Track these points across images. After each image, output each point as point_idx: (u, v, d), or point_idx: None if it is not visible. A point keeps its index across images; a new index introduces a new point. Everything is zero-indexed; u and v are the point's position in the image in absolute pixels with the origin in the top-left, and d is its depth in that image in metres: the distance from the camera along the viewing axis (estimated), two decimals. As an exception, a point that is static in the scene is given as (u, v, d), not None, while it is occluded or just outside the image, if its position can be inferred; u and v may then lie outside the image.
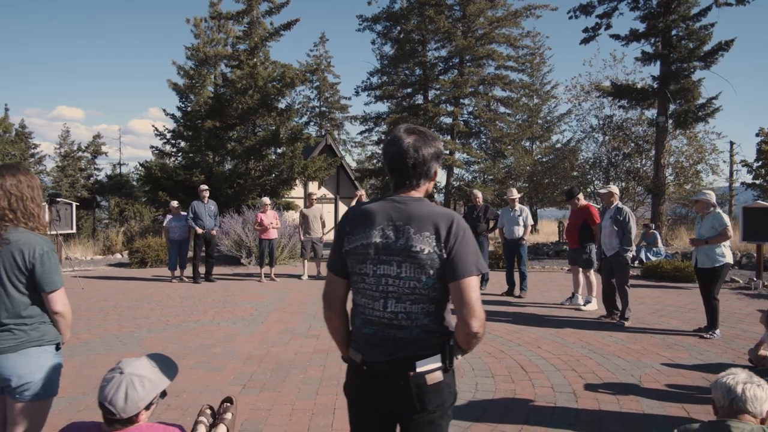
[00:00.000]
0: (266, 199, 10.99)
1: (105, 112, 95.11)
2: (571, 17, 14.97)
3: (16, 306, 2.22)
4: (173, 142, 19.90)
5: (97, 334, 6.11)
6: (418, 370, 1.75)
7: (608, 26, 14.95)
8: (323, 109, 47.65)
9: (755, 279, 9.68)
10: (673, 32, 14.00)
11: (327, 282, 1.96)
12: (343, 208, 32.43)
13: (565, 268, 12.60)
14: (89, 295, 8.83)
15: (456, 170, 26.53)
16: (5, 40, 73.74)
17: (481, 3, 23.21)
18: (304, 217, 10.97)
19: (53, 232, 12.20)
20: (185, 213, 10.65)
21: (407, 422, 1.81)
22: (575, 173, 18.59)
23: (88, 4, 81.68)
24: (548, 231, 24.49)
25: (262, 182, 18.23)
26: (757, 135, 20.93)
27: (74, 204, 12.20)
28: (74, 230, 12.47)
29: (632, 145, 15.89)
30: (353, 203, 11.06)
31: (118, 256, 15.43)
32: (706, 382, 4.44)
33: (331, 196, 32.43)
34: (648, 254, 12.47)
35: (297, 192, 22.41)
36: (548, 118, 28.05)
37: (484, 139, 26.40)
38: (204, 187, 10.68)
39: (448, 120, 26.29)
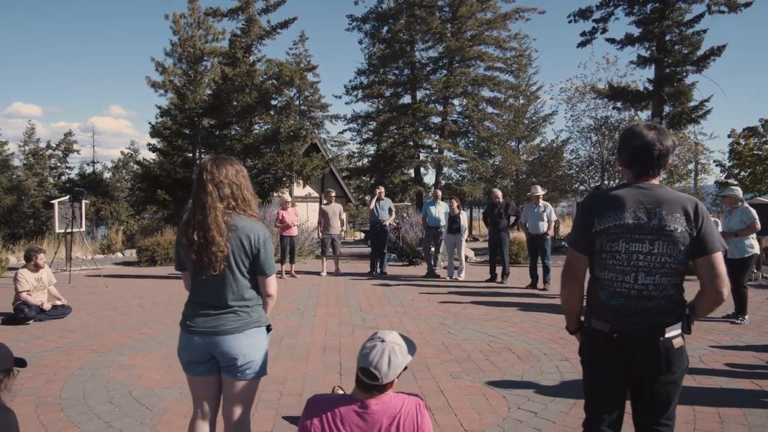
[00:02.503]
0: (287, 196, 11.10)
1: (64, 109, 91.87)
2: (570, 21, 15.55)
3: (241, 289, 2.38)
4: (170, 139, 19.67)
5: (158, 329, 6.17)
6: (667, 335, 2.01)
7: (604, 30, 15.60)
8: (303, 108, 47.52)
9: (755, 271, 10.30)
10: (667, 37, 14.70)
11: (571, 259, 2.19)
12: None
13: (560, 262, 13.11)
14: (117, 292, 8.80)
15: (444, 169, 26.95)
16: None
17: (473, 5, 23.66)
18: (323, 214, 11.11)
19: (61, 230, 12.01)
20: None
21: (653, 383, 2.07)
22: (560, 173, 19.20)
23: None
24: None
25: (260, 180, 18.24)
26: (729, 136, 22.06)
27: (84, 201, 12.00)
28: (83, 228, 12.25)
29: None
30: (373, 201, 11.30)
31: (119, 255, 15.22)
32: (760, 361, 4.87)
33: (316, 195, 32.46)
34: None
35: (294, 191, 22.42)
36: (534, 118, 28.77)
37: (472, 138, 26.90)
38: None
39: (437, 119, 26.68)
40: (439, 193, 11.39)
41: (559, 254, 15.14)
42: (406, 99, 27.51)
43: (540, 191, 9.35)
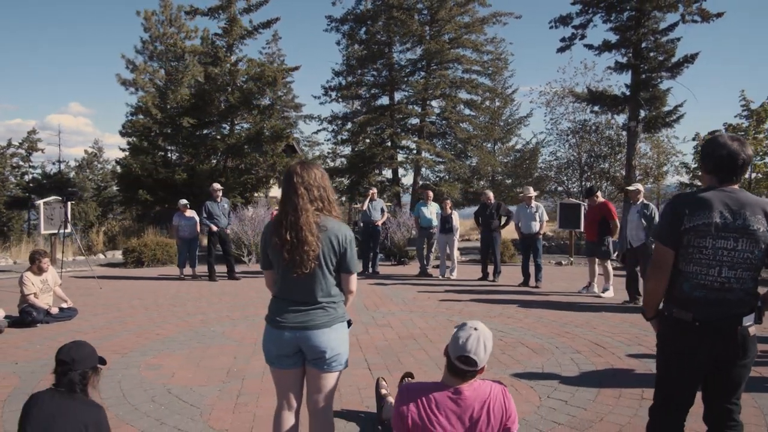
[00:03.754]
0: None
1: (19, 105, 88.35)
2: (551, 27, 16.04)
3: (328, 286, 2.52)
4: (150, 138, 19.34)
5: (172, 330, 6.19)
6: (744, 324, 2.27)
7: (583, 36, 16.14)
8: (276, 107, 47.19)
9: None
10: (643, 44, 15.34)
11: (659, 253, 2.42)
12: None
13: (551, 261, 13.55)
14: (113, 294, 8.70)
15: (422, 170, 27.25)
16: None
17: (452, 9, 24.01)
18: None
19: (46, 232, 11.76)
20: (183, 212, 10.64)
21: (730, 367, 2.33)
22: (537, 174, 19.75)
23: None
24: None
25: (243, 180, 18.15)
26: (694, 139, 23.06)
27: (69, 203, 11.74)
28: (69, 230, 12.00)
29: (605, 148, 17.21)
30: (366, 201, 11.44)
31: (101, 256, 14.93)
32: (764, 347, 5.24)
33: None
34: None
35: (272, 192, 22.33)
36: (509, 120, 29.40)
37: (449, 140, 27.29)
38: (217, 186, 10.68)
39: (415, 121, 26.95)
40: (431, 194, 11.62)
41: (551, 253, 15.56)
42: (384, 100, 27.71)
43: (532, 192, 9.68)
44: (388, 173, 28.72)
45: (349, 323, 2.66)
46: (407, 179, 29.18)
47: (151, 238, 13.13)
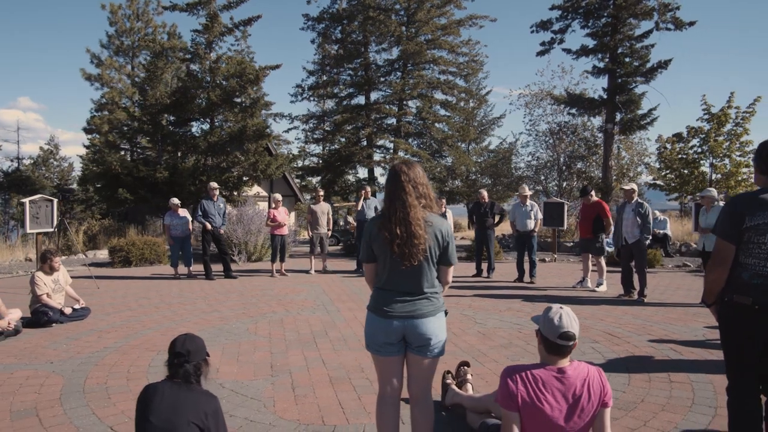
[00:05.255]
0: (278, 196, 11.18)
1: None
2: (532, 31, 16.57)
3: (432, 277, 2.70)
4: (129, 136, 18.86)
5: (193, 328, 6.20)
6: None
7: (561, 41, 16.72)
8: (259, 105, 46.64)
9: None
10: (620, 50, 16.01)
11: (721, 247, 2.69)
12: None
13: (547, 259, 14.00)
14: (113, 293, 8.59)
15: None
16: None
17: (430, 11, 24.37)
18: (312, 213, 11.29)
19: (32, 231, 11.42)
20: (175, 211, 10.58)
21: None
22: (518, 173, 20.32)
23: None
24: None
25: (225, 179, 17.97)
26: (656, 141, 24.15)
27: (55, 200, 11.42)
28: (53, 229, 11.67)
29: (583, 149, 17.84)
30: (361, 201, 11.57)
31: (82, 256, 14.55)
32: (753, 338, 5.68)
33: (265, 194, 32.08)
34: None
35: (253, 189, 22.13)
36: (483, 121, 30.00)
37: (425, 139, 27.69)
38: (214, 185, 10.63)
39: (391, 120, 27.23)
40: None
41: (543, 250, 15.99)
42: (360, 100, 27.88)
43: (528, 191, 10.05)
44: (364, 172, 28.91)
45: (446, 313, 2.83)
46: (381, 178, 29.45)
47: (139, 237, 12.90)
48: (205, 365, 2.72)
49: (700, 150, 17.66)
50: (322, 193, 11.85)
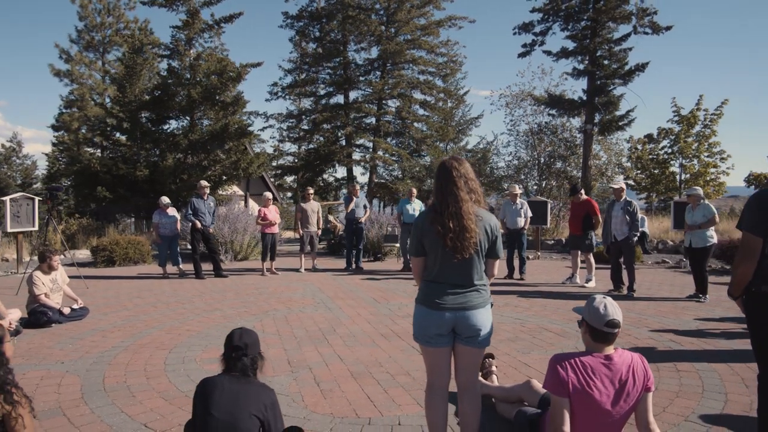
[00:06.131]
0: (268, 194, 11.13)
1: None
2: (515, 33, 16.90)
3: (481, 270, 2.79)
4: (107, 133, 18.40)
5: (198, 326, 6.17)
6: None
7: (542, 43, 17.10)
8: (241, 103, 46.08)
9: (684, 260, 11.99)
10: (599, 53, 16.46)
11: (749, 241, 2.84)
12: (253, 206, 31.93)
13: (531, 257, 14.27)
14: (104, 293, 8.44)
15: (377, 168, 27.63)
16: None
17: (410, 11, 24.52)
18: (302, 212, 11.27)
19: (13, 230, 11.10)
20: (164, 210, 10.44)
21: None
22: (499, 173, 20.66)
23: None
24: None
25: (206, 177, 17.74)
26: (627, 141, 24.88)
27: (36, 199, 11.11)
28: (35, 227, 11.35)
29: (561, 149, 18.24)
30: (352, 201, 11.59)
31: (61, 256, 14.14)
32: (739, 327, 5.97)
33: (241, 193, 31.73)
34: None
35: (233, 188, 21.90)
36: (461, 121, 30.35)
37: (402, 139, 27.85)
38: (204, 183, 10.51)
39: (370, 120, 27.29)
40: (415, 191, 12.00)
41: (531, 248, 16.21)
42: (339, 99, 27.84)
43: (518, 190, 10.26)
44: (342, 171, 28.90)
45: (491, 305, 2.93)
46: (363, 177, 29.48)
47: (122, 237, 12.64)
48: (260, 359, 2.75)
49: (670, 151, 18.32)
50: (311, 191, 11.84)
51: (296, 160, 30.69)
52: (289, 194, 38.78)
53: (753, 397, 3.86)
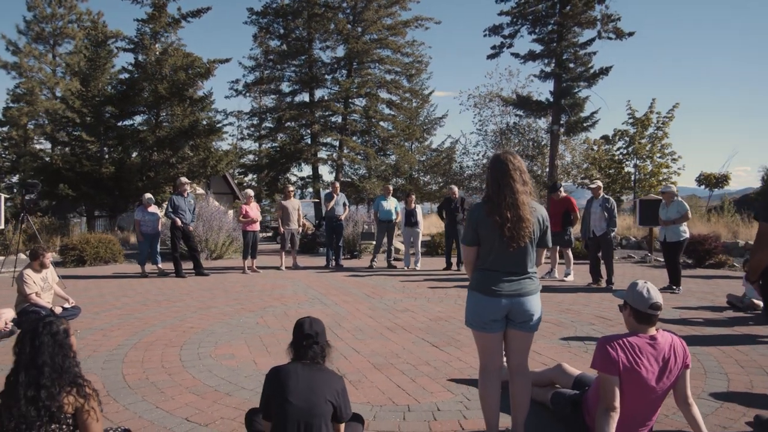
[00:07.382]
0: (250, 191, 11.03)
1: None
2: (485, 35, 17.29)
3: (533, 259, 2.96)
4: (67, 128, 17.61)
5: (200, 323, 6.10)
6: None
7: (511, 45, 17.58)
8: (211, 99, 44.84)
9: (649, 255, 12.66)
10: (565, 56, 17.07)
11: (765, 232, 3.12)
12: (215, 205, 31.32)
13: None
14: (86, 293, 8.17)
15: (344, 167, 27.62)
16: None
17: (378, 11, 24.65)
18: (284, 209, 11.22)
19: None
20: (147, 207, 10.21)
21: None
22: (467, 173, 21.10)
23: None
24: (429, 223, 27.01)
25: (174, 175, 17.32)
26: (584, 142, 25.86)
27: (3, 196, 10.57)
28: (2, 226, 10.79)
29: (530, 149, 18.81)
30: (333, 199, 11.61)
31: (22, 255, 13.52)
32: (717, 315, 6.41)
33: (201, 191, 31.06)
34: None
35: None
36: (426, 121, 30.73)
37: (369, 138, 27.96)
38: (184, 180, 10.32)
39: (336, 118, 27.25)
40: (390, 188, 12.15)
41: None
42: (305, 97, 27.66)
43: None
44: (308, 169, 28.70)
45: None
46: (328, 176, 29.39)
47: (93, 235, 12.21)
48: (328, 346, 2.82)
49: (625, 151, 19.21)
50: (292, 189, 11.80)
51: (256, 159, 30.28)
52: (251, 193, 38.19)
53: (751, 377, 4.22)
